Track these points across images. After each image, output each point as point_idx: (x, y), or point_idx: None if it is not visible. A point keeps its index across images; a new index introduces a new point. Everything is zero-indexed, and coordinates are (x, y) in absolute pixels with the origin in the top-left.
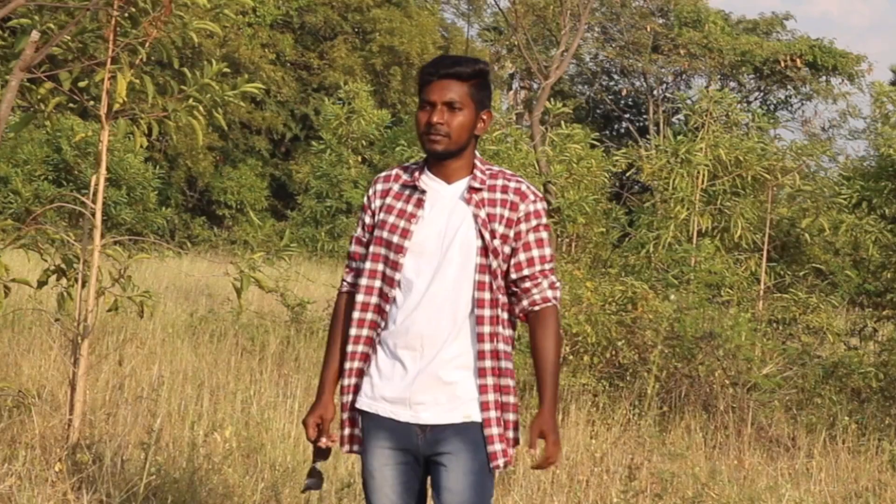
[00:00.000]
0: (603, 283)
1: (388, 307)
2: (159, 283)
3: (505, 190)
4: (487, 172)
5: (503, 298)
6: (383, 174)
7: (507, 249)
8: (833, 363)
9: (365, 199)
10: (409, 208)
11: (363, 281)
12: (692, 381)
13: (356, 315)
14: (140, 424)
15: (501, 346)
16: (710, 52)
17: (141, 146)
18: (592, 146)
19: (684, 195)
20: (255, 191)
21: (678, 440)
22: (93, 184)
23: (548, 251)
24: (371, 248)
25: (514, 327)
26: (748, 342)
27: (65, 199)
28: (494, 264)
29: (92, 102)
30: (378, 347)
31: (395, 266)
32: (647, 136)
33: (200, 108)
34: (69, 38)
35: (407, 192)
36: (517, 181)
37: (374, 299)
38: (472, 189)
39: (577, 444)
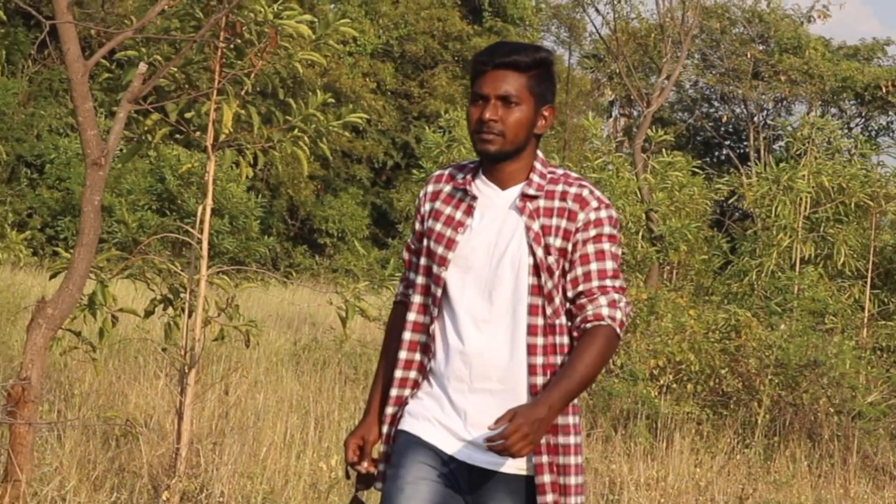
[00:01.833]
0: (706, 311)
1: (432, 327)
2: (262, 311)
3: (564, 197)
4: (548, 177)
5: (562, 321)
6: (436, 174)
7: (566, 266)
8: None
9: (417, 201)
10: (458, 215)
11: (415, 298)
12: (796, 409)
13: (407, 336)
14: (246, 453)
15: None
16: (811, 79)
17: (246, 176)
18: (694, 173)
19: (787, 222)
20: (357, 219)
21: (783, 469)
22: (199, 213)
23: (609, 265)
24: (422, 260)
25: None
26: (852, 370)
27: (169, 228)
28: (550, 284)
29: (198, 133)
30: (427, 375)
31: (437, 281)
32: (748, 163)
33: (305, 138)
34: (175, 69)
35: (457, 197)
36: (580, 185)
37: (424, 318)
38: (525, 196)
39: (681, 472)
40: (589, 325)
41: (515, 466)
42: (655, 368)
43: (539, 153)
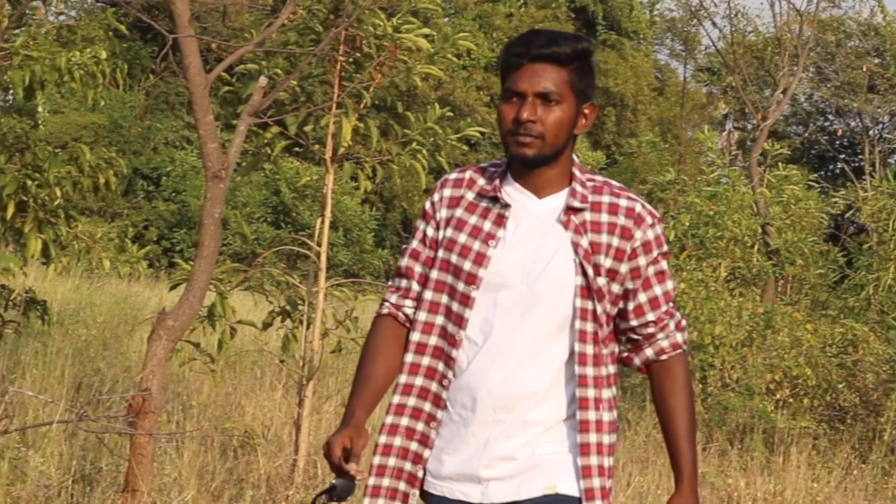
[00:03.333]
0: (822, 325)
1: (455, 353)
2: None
3: (613, 210)
4: (590, 185)
5: (609, 349)
6: (453, 176)
7: (615, 288)
8: None
9: (427, 204)
10: (487, 226)
11: (421, 315)
12: None
13: (409, 359)
14: (363, 465)
15: (607, 416)
16: None
17: (364, 189)
18: (809, 187)
19: None
20: None
21: None
22: (317, 226)
23: (670, 284)
24: (433, 274)
25: (616, 384)
26: None
27: (285, 241)
28: (599, 309)
29: (317, 146)
30: (441, 408)
31: (466, 301)
32: (863, 177)
33: (424, 151)
34: (295, 82)
35: (484, 205)
36: (629, 198)
37: (433, 340)
38: (570, 209)
39: (798, 487)
40: (666, 357)
41: (543, 486)
42: (772, 383)
43: (575, 158)
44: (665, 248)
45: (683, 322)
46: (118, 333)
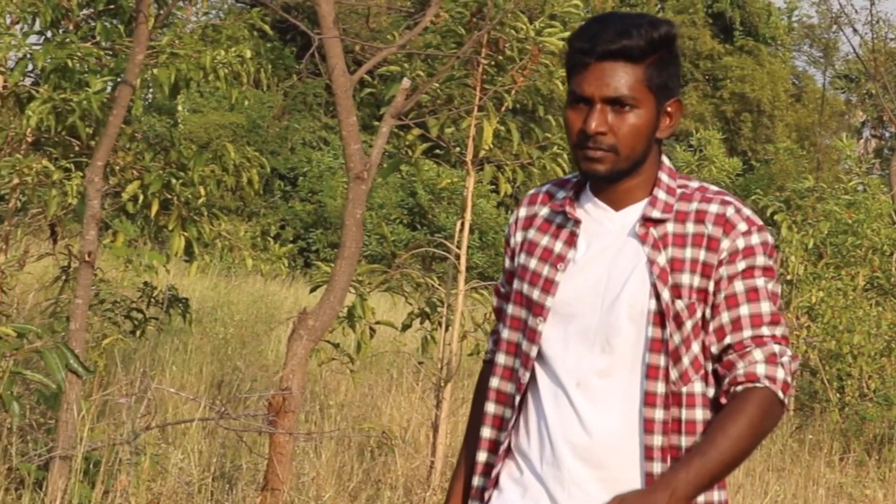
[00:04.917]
0: None
1: (517, 399)
2: None
3: (700, 218)
4: (678, 192)
5: (692, 390)
6: (530, 193)
7: (707, 313)
8: None
9: (506, 231)
10: (558, 247)
11: (500, 359)
12: None
13: (490, 409)
14: None
15: None
16: None
17: (505, 193)
18: None
19: None
20: None
21: None
22: (457, 229)
23: (766, 307)
24: (509, 309)
25: None
26: None
27: (422, 243)
28: (678, 338)
29: (457, 149)
30: (508, 461)
31: (532, 336)
32: None
33: (564, 154)
34: (436, 85)
35: (556, 222)
36: (722, 202)
37: (509, 386)
38: (648, 220)
39: None
40: (739, 388)
41: None
42: None
43: (665, 160)
44: (763, 261)
45: (784, 358)
46: (256, 332)
